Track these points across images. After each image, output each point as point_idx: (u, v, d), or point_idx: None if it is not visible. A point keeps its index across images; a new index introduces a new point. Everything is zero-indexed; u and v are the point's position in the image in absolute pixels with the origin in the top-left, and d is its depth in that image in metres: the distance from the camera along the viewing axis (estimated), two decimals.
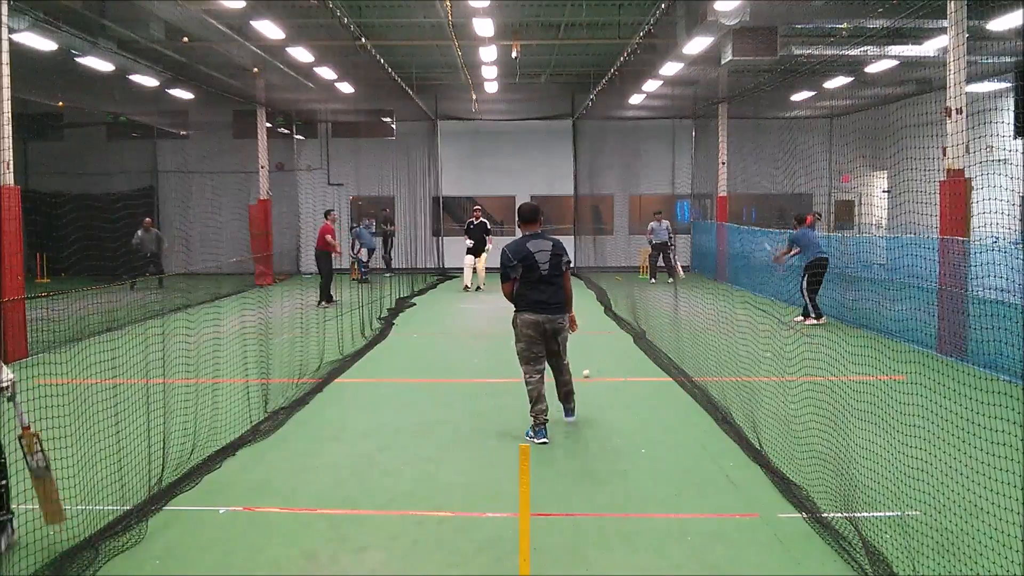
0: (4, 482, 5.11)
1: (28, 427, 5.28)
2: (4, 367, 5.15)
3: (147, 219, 20.82)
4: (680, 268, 21.41)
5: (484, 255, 20.70)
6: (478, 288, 20.67)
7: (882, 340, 11.41)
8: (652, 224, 22.27)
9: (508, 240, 8.74)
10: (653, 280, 21.79)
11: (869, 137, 22.65)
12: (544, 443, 7.24)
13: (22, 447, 5.23)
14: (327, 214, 18.05)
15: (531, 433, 7.39)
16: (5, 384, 5.09)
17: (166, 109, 23.86)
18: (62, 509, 5.32)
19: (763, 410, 7.61)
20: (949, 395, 6.30)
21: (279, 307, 14.67)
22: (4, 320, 10.38)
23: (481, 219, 20.95)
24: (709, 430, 7.79)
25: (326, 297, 17.27)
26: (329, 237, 17.50)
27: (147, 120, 24.75)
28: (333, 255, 17.83)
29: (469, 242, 20.81)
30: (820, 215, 23.00)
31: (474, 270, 20.93)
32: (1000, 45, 16.33)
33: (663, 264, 22.20)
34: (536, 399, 7.43)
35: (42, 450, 5.24)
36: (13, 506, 5.17)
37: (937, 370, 8.57)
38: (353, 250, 22.07)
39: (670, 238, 22.11)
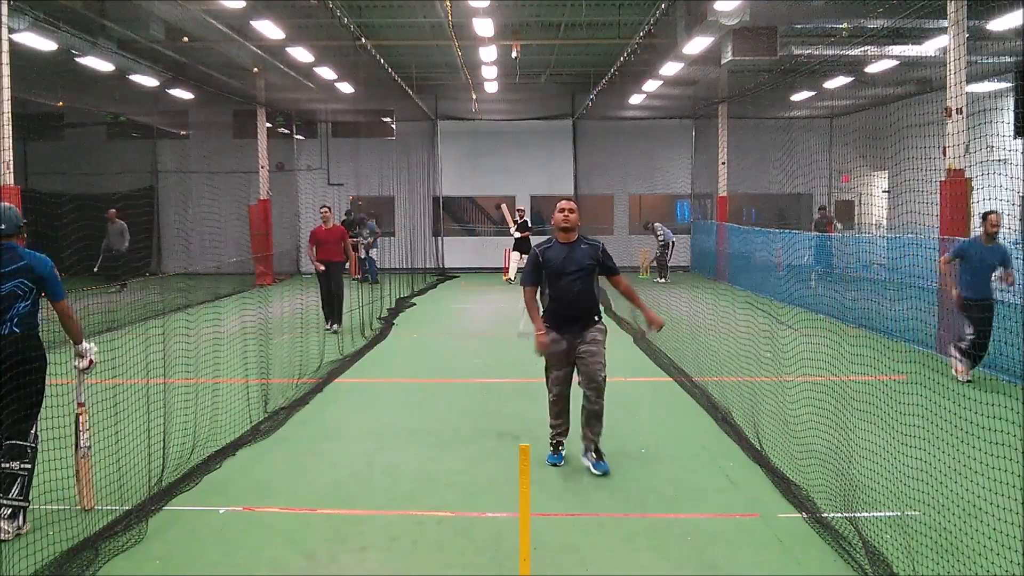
0: (30, 467, 5.21)
1: (83, 404, 5.63)
2: (85, 341, 5.55)
3: (111, 210, 19.24)
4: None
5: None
6: (510, 281, 22.40)
7: (882, 340, 11.42)
8: (658, 226, 22.71)
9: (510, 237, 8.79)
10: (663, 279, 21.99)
11: (869, 137, 22.66)
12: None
13: (77, 423, 5.57)
14: (330, 209, 14.43)
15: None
16: (87, 354, 5.52)
17: (166, 109, 23.87)
18: (92, 495, 5.64)
19: (763, 410, 7.61)
20: (949, 395, 6.30)
21: (279, 307, 14.67)
22: None
23: (524, 218, 22.85)
24: (709, 430, 7.79)
25: (340, 317, 13.84)
26: (347, 242, 14.17)
27: (147, 120, 24.75)
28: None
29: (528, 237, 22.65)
30: (824, 208, 22.97)
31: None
32: (1000, 45, 16.35)
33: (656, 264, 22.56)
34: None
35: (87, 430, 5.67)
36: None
37: (937, 370, 8.58)
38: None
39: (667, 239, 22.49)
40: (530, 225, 22.99)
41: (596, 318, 6.51)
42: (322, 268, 13.44)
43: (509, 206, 24.20)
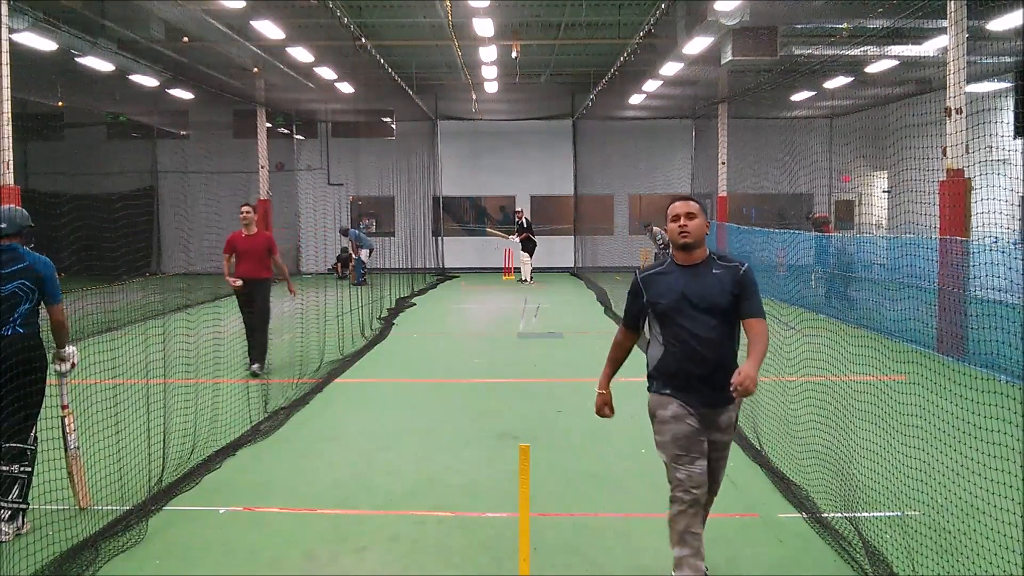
0: (30, 469, 5.22)
1: (67, 406, 5.62)
2: (68, 345, 5.53)
3: None
4: None
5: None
6: (522, 280, 22.96)
7: (882, 340, 11.42)
8: (648, 235, 22.78)
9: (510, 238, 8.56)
10: None
11: (869, 137, 22.65)
12: None
13: (62, 425, 5.55)
14: (254, 210, 10.82)
15: None
16: (70, 358, 5.51)
17: (166, 109, 23.89)
18: (88, 494, 5.65)
19: (763, 410, 7.61)
20: (948, 395, 6.29)
21: (279, 307, 14.65)
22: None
23: (522, 219, 23.39)
24: None
25: (262, 354, 10.29)
26: (278, 257, 10.66)
27: (147, 120, 24.76)
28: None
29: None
30: (811, 214, 22.90)
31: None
32: (1000, 45, 16.34)
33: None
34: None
35: (73, 431, 5.64)
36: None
37: (937, 370, 8.57)
38: (354, 252, 22.24)
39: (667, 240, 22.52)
40: (526, 224, 23.13)
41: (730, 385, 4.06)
42: (239, 284, 10.19)
43: (493, 225, 24.45)
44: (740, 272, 4.23)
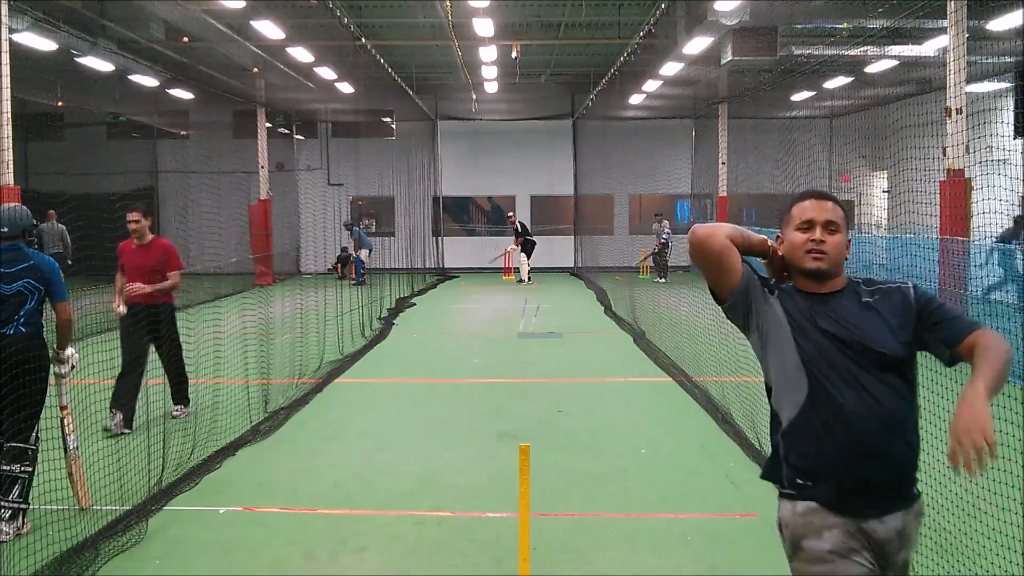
0: (31, 469, 5.23)
1: (66, 407, 5.62)
2: (69, 346, 5.54)
3: (51, 211, 16.91)
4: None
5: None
6: (521, 281, 22.86)
7: None
8: (655, 225, 22.81)
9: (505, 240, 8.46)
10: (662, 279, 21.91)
11: (869, 137, 22.66)
12: None
13: (62, 425, 5.56)
14: (144, 215, 8.27)
15: None
16: (69, 360, 5.51)
17: (166, 109, 23.88)
18: (87, 494, 5.64)
19: (763, 410, 7.59)
20: (949, 395, 6.29)
21: (279, 307, 14.66)
22: None
23: (515, 223, 23.41)
24: (709, 430, 7.79)
25: (184, 394, 8.22)
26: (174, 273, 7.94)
27: (147, 120, 24.75)
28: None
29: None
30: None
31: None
32: (1000, 45, 16.34)
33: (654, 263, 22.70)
34: None
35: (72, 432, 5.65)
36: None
37: (937, 370, 8.58)
38: (355, 251, 22.28)
39: (668, 239, 22.53)
40: (521, 229, 23.16)
41: (913, 489, 2.80)
42: (122, 311, 7.56)
43: (494, 258, 24.62)
44: (912, 293, 2.72)
